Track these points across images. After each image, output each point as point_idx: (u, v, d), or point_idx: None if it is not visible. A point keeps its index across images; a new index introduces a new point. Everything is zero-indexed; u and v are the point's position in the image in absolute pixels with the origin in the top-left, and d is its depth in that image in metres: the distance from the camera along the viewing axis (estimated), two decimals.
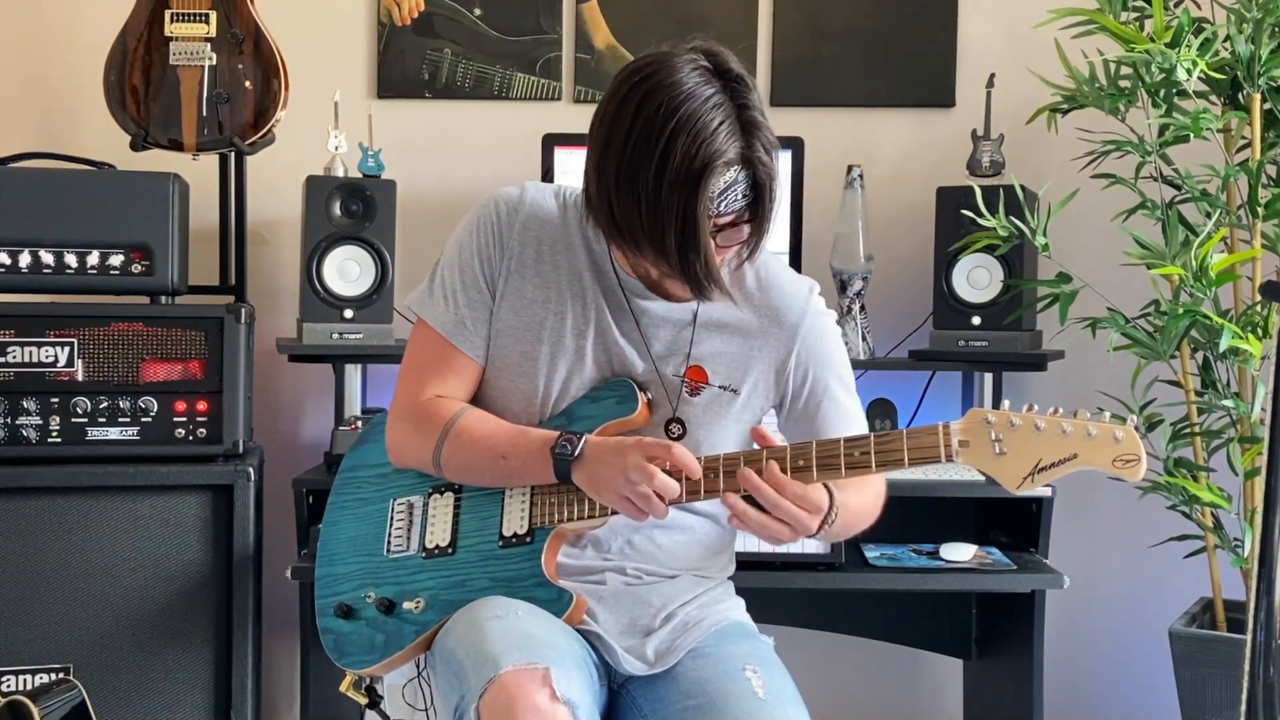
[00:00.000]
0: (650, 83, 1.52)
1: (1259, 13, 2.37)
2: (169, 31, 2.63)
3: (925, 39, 2.97)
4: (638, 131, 1.50)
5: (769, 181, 1.53)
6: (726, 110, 1.50)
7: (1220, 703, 2.46)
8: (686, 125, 1.48)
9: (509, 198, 1.73)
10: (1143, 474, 1.44)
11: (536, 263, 1.71)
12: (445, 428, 1.68)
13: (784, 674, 1.64)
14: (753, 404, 1.73)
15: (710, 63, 1.54)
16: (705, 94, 1.50)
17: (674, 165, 1.48)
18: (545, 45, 2.98)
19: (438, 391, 1.72)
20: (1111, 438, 1.44)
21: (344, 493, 1.85)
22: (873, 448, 1.53)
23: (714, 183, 1.49)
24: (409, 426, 1.72)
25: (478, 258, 1.71)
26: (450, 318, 1.71)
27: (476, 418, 1.69)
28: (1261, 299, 2.38)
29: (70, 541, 2.39)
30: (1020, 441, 1.47)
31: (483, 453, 1.66)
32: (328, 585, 1.78)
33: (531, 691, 1.43)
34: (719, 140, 1.48)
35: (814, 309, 1.74)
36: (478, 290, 1.71)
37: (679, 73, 1.51)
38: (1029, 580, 2.39)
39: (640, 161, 1.50)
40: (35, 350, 2.40)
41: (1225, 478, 2.52)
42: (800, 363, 1.72)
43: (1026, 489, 1.47)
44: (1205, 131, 2.40)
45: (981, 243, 2.56)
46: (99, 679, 2.37)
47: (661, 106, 1.49)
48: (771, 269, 1.76)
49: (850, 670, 3.03)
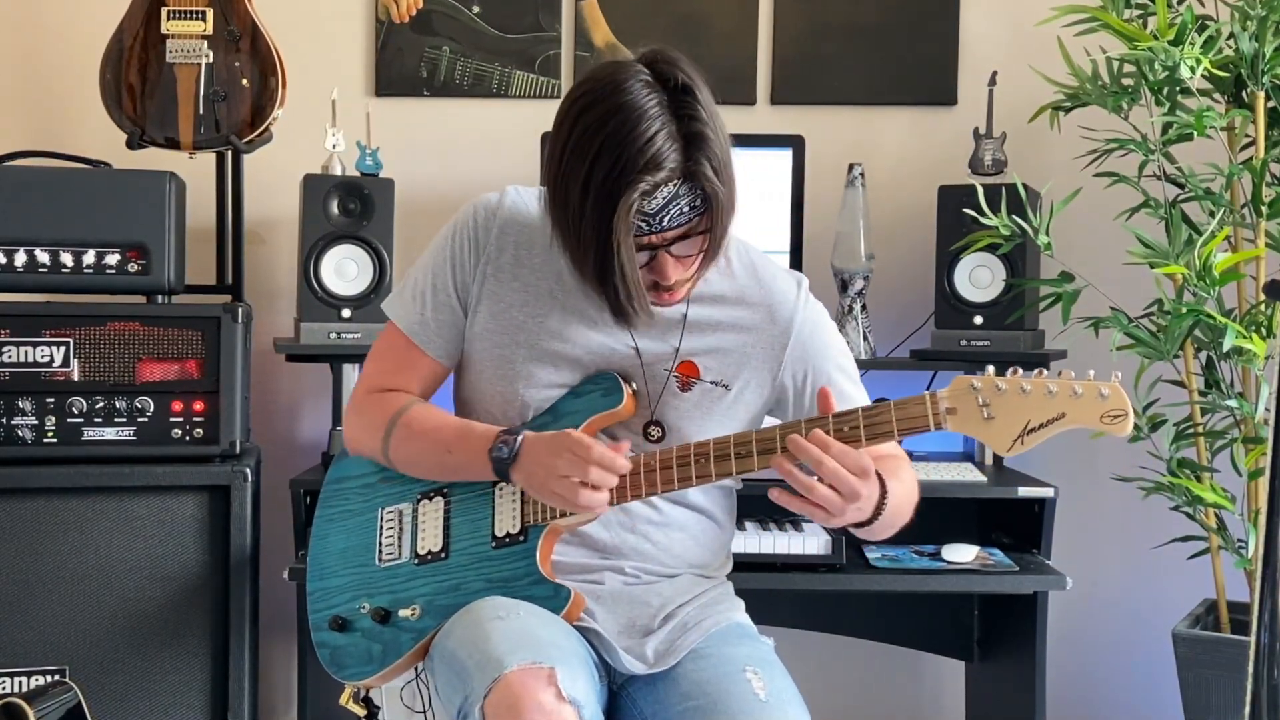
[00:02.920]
0: (586, 100, 1.51)
1: (1263, 10, 2.36)
2: (165, 29, 2.62)
3: (927, 37, 2.96)
4: (570, 150, 1.51)
5: (715, 193, 1.51)
6: (663, 124, 1.48)
7: (1224, 705, 2.45)
8: (610, 144, 1.47)
9: (487, 204, 1.73)
10: (1130, 428, 1.45)
11: (515, 266, 1.70)
12: (394, 418, 1.70)
13: (785, 675, 1.64)
14: (744, 400, 1.72)
15: (655, 74, 1.52)
16: (642, 108, 1.48)
17: (596, 184, 1.48)
18: (544, 43, 2.97)
19: (394, 386, 1.75)
20: (1098, 394, 1.45)
21: (331, 505, 1.84)
22: (861, 421, 1.53)
23: (639, 202, 1.48)
24: (360, 417, 1.76)
25: (450, 264, 1.72)
26: (415, 318, 1.73)
27: (424, 411, 1.71)
28: (1265, 298, 2.37)
29: (66, 542, 2.38)
30: (1007, 405, 1.48)
31: (428, 446, 1.69)
32: (320, 599, 1.78)
33: (537, 691, 1.42)
34: (647, 157, 1.47)
35: (805, 303, 1.74)
36: (445, 294, 1.72)
37: (618, 88, 1.50)
38: (1031, 581, 2.38)
39: (570, 181, 1.50)
40: (31, 350, 2.39)
41: (1229, 478, 2.51)
42: (797, 359, 1.72)
43: (1017, 451, 1.48)
44: (1209, 130, 2.39)
45: (983, 242, 2.55)
46: (95, 681, 2.36)
47: (591, 125, 1.49)
48: (761, 265, 1.76)
49: (851, 672, 3.02)
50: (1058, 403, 1.46)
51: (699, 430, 1.68)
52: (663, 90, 1.51)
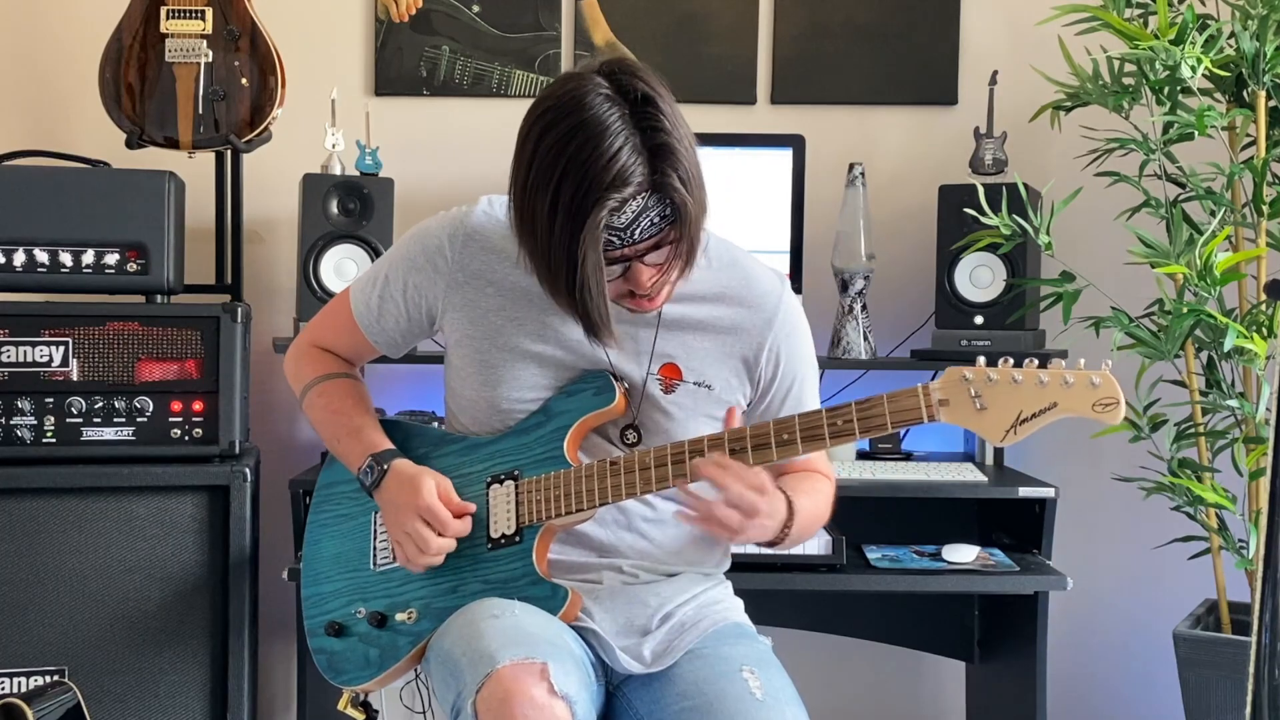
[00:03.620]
0: (547, 118, 1.50)
1: (1264, 9, 2.35)
2: (164, 28, 2.61)
3: (927, 36, 2.96)
4: (534, 171, 1.50)
5: (684, 203, 1.50)
6: (626, 138, 1.47)
7: (1225, 705, 2.44)
8: (574, 164, 1.46)
9: (452, 219, 1.73)
10: (1122, 416, 1.46)
11: (489, 272, 1.70)
12: (318, 379, 1.82)
13: (783, 675, 1.63)
14: (727, 398, 1.72)
15: (615, 86, 1.50)
16: (605, 124, 1.46)
17: (563, 205, 1.47)
18: (544, 42, 2.96)
19: (328, 346, 1.86)
20: (1089, 383, 1.46)
21: (323, 510, 1.85)
22: (855, 415, 1.53)
23: (608, 218, 1.47)
24: (295, 364, 1.87)
25: (402, 280, 1.74)
26: (362, 301, 1.78)
27: (344, 387, 1.81)
28: (1266, 298, 2.36)
29: (65, 543, 2.37)
30: (999, 395, 1.49)
31: (327, 420, 1.79)
32: (315, 605, 1.78)
33: (529, 685, 1.42)
34: (613, 174, 1.46)
35: (787, 303, 1.75)
36: (392, 301, 1.76)
37: (579, 104, 1.48)
38: (1032, 582, 2.37)
39: (537, 203, 1.50)
40: (30, 350, 2.38)
41: (1230, 478, 2.50)
42: (772, 354, 1.73)
43: (1010, 440, 1.50)
44: (1210, 129, 2.38)
45: (984, 241, 2.55)
46: (94, 681, 2.35)
47: (554, 145, 1.48)
48: (743, 261, 1.76)
49: (852, 673, 3.02)
50: (1049, 392, 1.47)
51: (684, 432, 1.68)
52: (624, 103, 1.49)
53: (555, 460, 1.65)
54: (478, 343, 1.70)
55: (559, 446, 1.66)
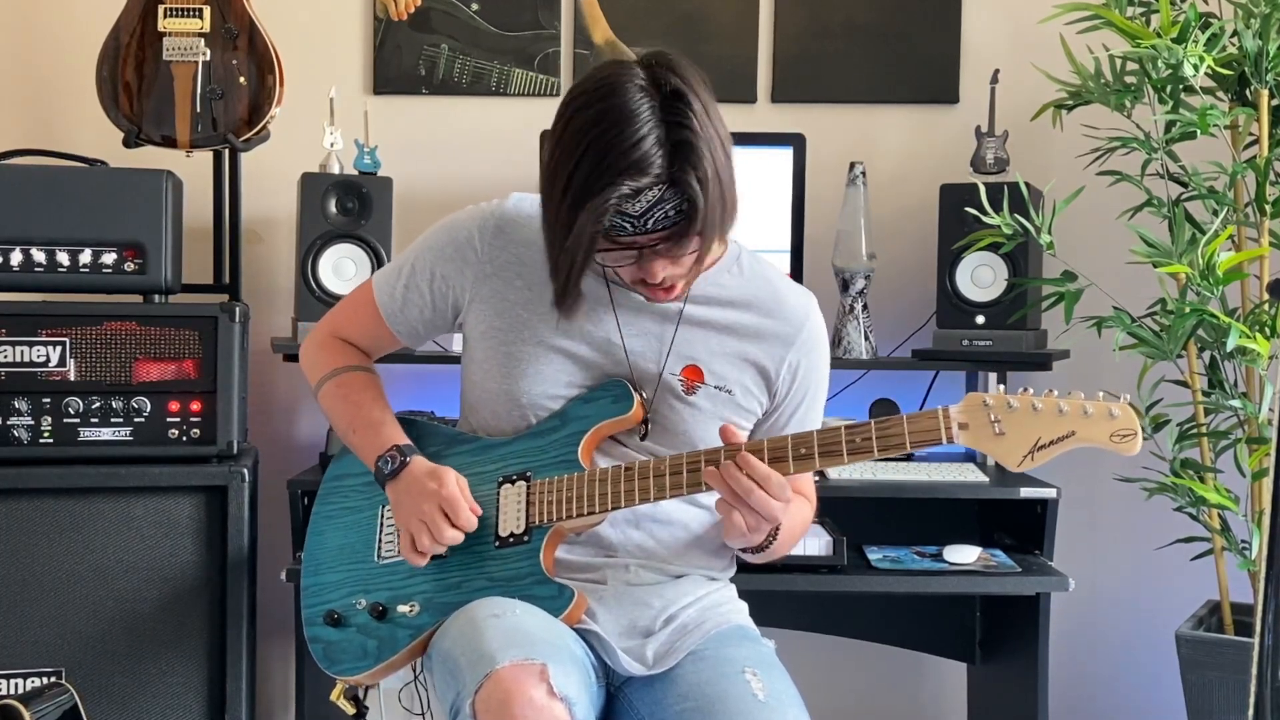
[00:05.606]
0: (582, 100, 1.54)
1: (1267, 8, 2.35)
2: (162, 27, 2.60)
3: (928, 35, 2.95)
4: (561, 147, 1.53)
5: (699, 200, 1.51)
6: (651, 128, 1.49)
7: (1227, 706, 2.44)
8: (596, 145, 1.49)
9: (486, 209, 1.75)
10: (1139, 448, 1.48)
11: (518, 265, 1.71)
12: (338, 370, 1.82)
13: (785, 677, 1.63)
14: (745, 405, 1.73)
15: (651, 78, 1.53)
16: (633, 111, 1.49)
17: (578, 182, 1.50)
18: (543, 40, 2.96)
19: (349, 337, 1.86)
20: (1108, 414, 1.48)
21: (330, 501, 1.85)
22: (874, 433, 1.55)
23: (621, 204, 1.49)
24: (317, 351, 1.87)
25: (430, 269, 1.75)
26: (387, 291, 1.79)
27: (363, 380, 1.82)
28: (1269, 298, 2.35)
29: (63, 543, 2.37)
30: (1018, 422, 1.51)
31: (344, 411, 1.80)
32: (315, 594, 1.78)
33: (528, 686, 1.42)
34: (631, 160, 1.48)
35: (814, 320, 1.77)
36: (417, 292, 1.76)
37: (613, 90, 1.51)
38: (1033, 583, 2.37)
39: (557, 177, 1.52)
40: (27, 350, 2.37)
41: (1232, 479, 2.50)
42: (791, 368, 1.74)
43: (1027, 466, 1.52)
44: (1212, 128, 2.38)
45: (985, 241, 2.54)
46: (92, 682, 2.35)
47: (583, 125, 1.51)
48: (776, 278, 1.78)
49: (853, 674, 3.01)
50: (1068, 421, 1.49)
51: (698, 433, 1.69)
52: (656, 95, 1.51)
53: (569, 464, 1.66)
54: (503, 334, 1.71)
55: (574, 451, 1.66)
